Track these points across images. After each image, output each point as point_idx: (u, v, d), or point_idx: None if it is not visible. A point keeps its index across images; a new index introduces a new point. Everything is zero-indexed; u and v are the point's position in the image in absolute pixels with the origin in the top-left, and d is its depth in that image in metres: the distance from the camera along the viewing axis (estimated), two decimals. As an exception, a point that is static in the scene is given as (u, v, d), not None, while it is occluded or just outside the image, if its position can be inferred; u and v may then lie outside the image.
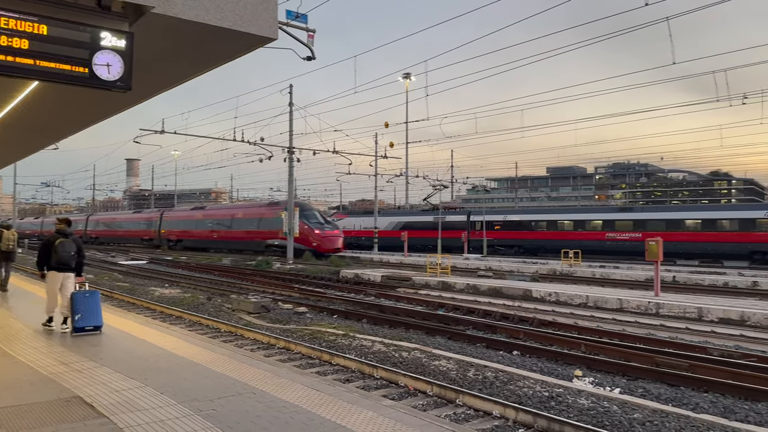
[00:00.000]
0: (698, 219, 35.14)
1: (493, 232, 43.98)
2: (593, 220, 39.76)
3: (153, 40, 5.97)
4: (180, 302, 17.40)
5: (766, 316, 13.71)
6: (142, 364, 7.22)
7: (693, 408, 7.62)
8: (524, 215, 45.29)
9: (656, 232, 33.40)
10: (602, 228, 38.44)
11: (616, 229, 37.67)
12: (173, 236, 53.63)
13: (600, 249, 37.45)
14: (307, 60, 11.32)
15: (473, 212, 48.27)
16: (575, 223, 40.20)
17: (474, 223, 45.52)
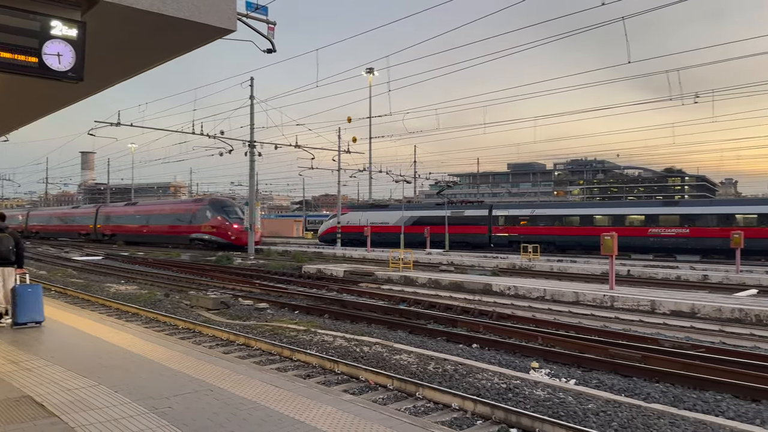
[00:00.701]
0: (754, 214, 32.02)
1: (518, 228, 41.14)
2: (634, 215, 36.95)
3: (106, 30, 5.82)
4: (136, 299, 17.05)
5: (715, 308, 14.21)
6: (96, 362, 7.06)
7: (645, 398, 7.86)
8: (555, 209, 42.25)
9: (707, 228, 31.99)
10: (644, 223, 35.72)
11: (660, 225, 34.99)
12: (108, 231, 56.52)
13: (642, 246, 35.06)
14: (268, 52, 11.20)
15: (495, 206, 45.19)
16: (614, 218, 37.18)
17: (497, 218, 42.67)
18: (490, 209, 44.06)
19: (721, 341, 11.65)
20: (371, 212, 49.71)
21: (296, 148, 39.45)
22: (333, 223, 50.65)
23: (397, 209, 48.67)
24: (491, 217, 43.15)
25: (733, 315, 13.84)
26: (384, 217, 48.26)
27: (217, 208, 43.05)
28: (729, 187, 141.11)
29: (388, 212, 48.63)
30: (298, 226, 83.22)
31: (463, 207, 46.35)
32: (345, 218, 49.36)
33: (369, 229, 41.71)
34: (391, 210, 49.13)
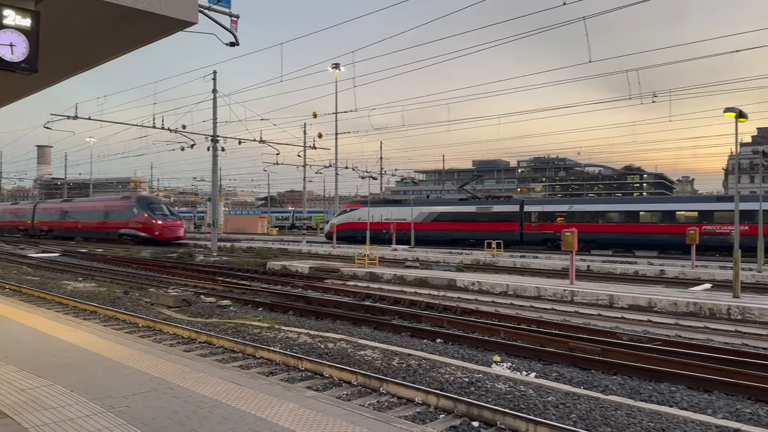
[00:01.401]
0: None
1: (553, 225, 38.06)
2: (686, 210, 34.79)
3: (62, 20, 5.67)
4: (95, 296, 16.66)
5: (671, 302, 14.62)
6: (51, 361, 6.87)
7: (603, 390, 8.04)
8: (596, 205, 38.71)
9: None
10: (697, 220, 33.48)
11: (715, 222, 32.92)
12: (45, 226, 58.30)
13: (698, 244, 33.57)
14: (231, 46, 11.04)
15: (527, 201, 42.12)
16: (663, 215, 35.02)
17: (529, 214, 39.58)
18: (522, 205, 40.75)
19: (676, 334, 12.00)
20: (386, 208, 46.49)
21: (261, 143, 39.04)
22: (344, 219, 47.11)
23: (416, 205, 45.41)
24: (523, 213, 39.86)
25: (688, 309, 14.27)
26: (400, 213, 44.99)
27: (143, 206, 45.57)
28: (686, 184, 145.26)
29: (405, 208, 45.11)
30: (263, 223, 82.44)
31: (490, 202, 42.96)
32: (355, 214, 46.51)
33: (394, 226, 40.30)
34: (407, 205, 45.61)
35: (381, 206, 47.42)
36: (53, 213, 58.23)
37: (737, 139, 16.86)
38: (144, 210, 44.92)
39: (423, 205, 45.88)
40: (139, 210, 45.39)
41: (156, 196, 57.47)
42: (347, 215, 47.51)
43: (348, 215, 47.41)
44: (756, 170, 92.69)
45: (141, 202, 46.64)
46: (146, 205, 45.63)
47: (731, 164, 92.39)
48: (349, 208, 48.10)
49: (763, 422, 6.78)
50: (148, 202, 47.08)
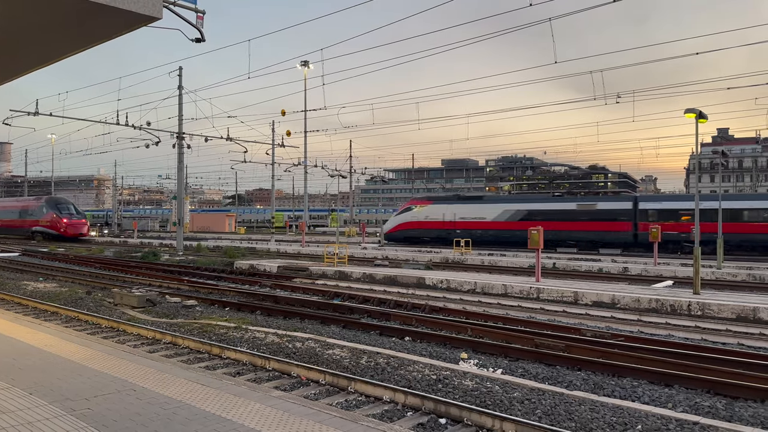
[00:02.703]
0: None
1: (676, 225, 33.61)
2: None
3: (20, 14, 5.51)
4: (56, 297, 16.26)
5: (633, 299, 14.95)
6: (9, 363, 6.69)
7: (567, 385, 8.18)
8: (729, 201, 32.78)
9: None
10: None
11: None
12: None
13: None
14: (197, 42, 10.86)
15: (642, 198, 37.44)
16: None
17: (645, 212, 34.72)
18: (635, 201, 35.94)
19: (639, 330, 12.27)
20: (460, 205, 40.90)
21: (228, 140, 38.54)
22: (409, 218, 42.63)
23: (498, 201, 40.56)
24: (637, 211, 35.04)
25: (651, 305, 14.60)
26: (479, 211, 39.71)
27: (51, 206, 50.04)
28: (649, 183, 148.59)
29: (485, 205, 39.97)
30: (231, 221, 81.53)
31: (595, 198, 38.27)
32: (422, 212, 41.72)
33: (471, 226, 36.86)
34: (488, 202, 40.61)
35: (454, 203, 41.51)
36: None
37: (698, 139, 17.33)
38: (52, 210, 49.44)
39: (507, 202, 40.61)
40: (47, 210, 49.86)
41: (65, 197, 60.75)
42: (412, 213, 42.50)
43: (413, 213, 42.41)
44: (716, 170, 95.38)
45: (50, 203, 50.93)
46: (54, 206, 50.03)
47: (692, 164, 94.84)
48: (414, 205, 42.96)
49: (721, 415, 6.98)
50: (56, 202, 51.24)
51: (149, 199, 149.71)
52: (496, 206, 39.26)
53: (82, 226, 50.02)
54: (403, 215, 43.24)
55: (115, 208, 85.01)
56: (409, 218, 42.37)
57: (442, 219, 40.38)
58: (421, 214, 41.70)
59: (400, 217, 43.33)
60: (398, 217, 43.72)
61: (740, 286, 19.68)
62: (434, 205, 41.80)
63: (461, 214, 40.09)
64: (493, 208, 39.16)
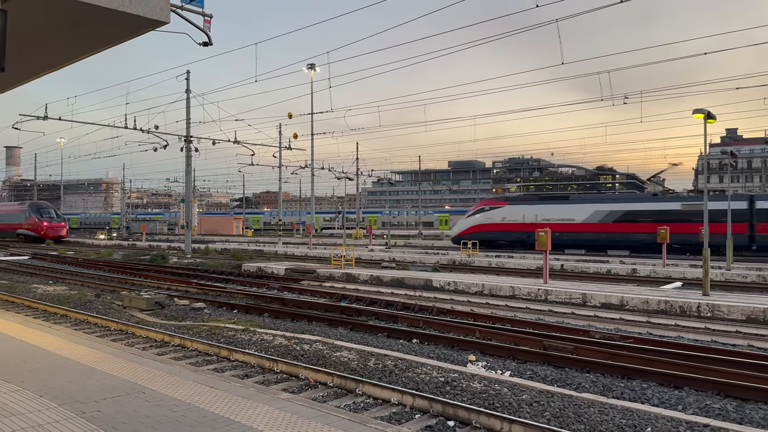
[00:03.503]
0: None
1: None
2: None
3: (30, 19, 5.56)
4: (65, 300, 16.35)
5: (642, 300, 14.87)
6: (20, 366, 6.73)
7: (576, 388, 8.15)
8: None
9: None
10: None
11: None
12: None
13: None
14: (204, 46, 10.91)
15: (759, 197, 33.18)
16: None
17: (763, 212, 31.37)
18: (751, 200, 32.37)
19: (647, 332, 12.21)
20: (543, 206, 38.06)
21: (235, 143, 38.67)
22: (482, 219, 39.39)
23: (588, 201, 36.99)
24: (754, 211, 31.67)
25: (659, 307, 14.52)
26: (566, 212, 36.47)
27: (33, 210, 54.57)
28: (657, 184, 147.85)
29: (573, 205, 36.82)
30: (238, 224, 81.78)
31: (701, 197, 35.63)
32: (498, 213, 38.69)
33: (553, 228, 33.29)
34: (577, 202, 37.32)
35: (535, 204, 38.67)
36: None
37: (706, 139, 17.23)
38: (34, 214, 54.01)
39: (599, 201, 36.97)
40: (30, 214, 54.44)
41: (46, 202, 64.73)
42: (486, 215, 39.33)
43: (487, 215, 39.24)
44: (725, 170, 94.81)
45: (32, 207, 55.57)
46: (36, 210, 54.64)
47: (701, 164, 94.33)
48: (488, 206, 39.85)
49: (732, 417, 6.93)
50: (38, 207, 55.86)
51: (157, 203, 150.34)
52: (587, 206, 35.86)
53: (61, 228, 54.20)
54: (475, 217, 39.90)
55: (123, 211, 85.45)
56: (482, 220, 39.19)
57: (522, 221, 37.21)
58: (496, 216, 38.64)
59: (472, 220, 39.94)
60: (469, 220, 40.26)
61: (750, 288, 19.54)
62: (512, 205, 38.80)
63: (544, 215, 36.91)
64: (582, 209, 35.82)
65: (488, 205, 40.15)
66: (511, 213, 38.22)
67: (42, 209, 55.38)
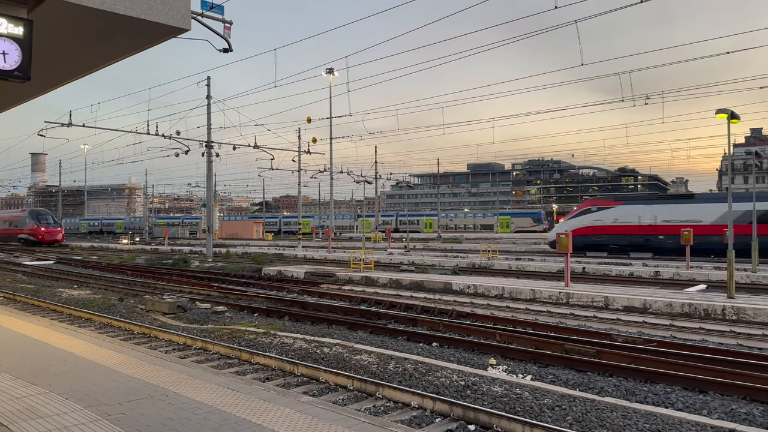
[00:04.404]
0: None
1: None
2: None
3: (55, 28, 5.67)
4: (89, 304, 16.60)
5: (665, 303, 14.67)
6: (47, 369, 6.85)
7: (598, 392, 8.07)
8: None
9: None
10: None
11: None
12: None
13: None
14: (224, 52, 11.05)
15: None
16: None
17: None
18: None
19: (671, 335, 12.04)
20: (662, 206, 33.68)
21: (255, 148, 39.01)
22: (588, 221, 35.34)
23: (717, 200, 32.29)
24: None
25: (683, 310, 14.32)
26: (689, 213, 31.99)
27: (33, 217, 58.36)
28: (680, 185, 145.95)
29: (698, 205, 32.49)
30: (259, 228, 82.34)
31: None
32: (609, 214, 34.87)
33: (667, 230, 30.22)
34: (705, 201, 32.94)
35: (654, 203, 34.20)
36: None
37: (730, 139, 16.97)
38: (33, 220, 57.66)
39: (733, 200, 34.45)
40: (29, 220, 57.99)
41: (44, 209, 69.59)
42: (593, 216, 35.31)
43: (594, 216, 35.22)
44: (749, 171, 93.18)
45: (31, 214, 59.60)
46: (35, 217, 58.40)
47: (724, 165, 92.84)
48: (595, 207, 36.02)
49: (758, 422, 6.81)
50: (36, 214, 60.03)
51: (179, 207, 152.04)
52: (716, 207, 31.03)
53: (57, 233, 58.23)
54: (580, 219, 35.76)
55: (145, 216, 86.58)
56: (589, 222, 35.09)
57: (638, 222, 33.31)
58: (606, 217, 34.69)
59: (576, 221, 35.65)
60: (573, 221, 36.00)
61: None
62: (626, 206, 34.70)
63: (665, 216, 32.76)
64: (712, 209, 31.25)
65: (596, 205, 36.21)
66: (625, 214, 34.05)
67: (40, 216, 59.44)
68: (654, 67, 51.13)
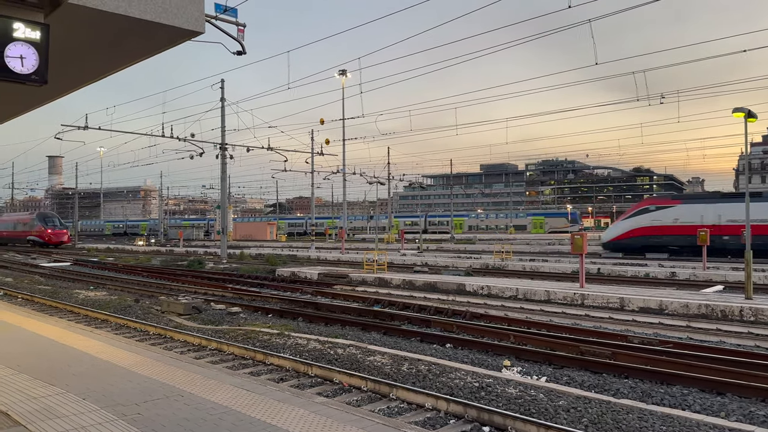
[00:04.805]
0: None
1: None
2: None
3: (71, 33, 5.73)
4: (106, 305, 16.76)
5: (682, 304, 14.52)
6: (64, 370, 6.93)
7: (614, 393, 8.00)
8: None
9: None
10: None
11: None
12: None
13: None
14: (238, 54, 11.11)
15: None
16: None
17: None
18: None
19: (688, 336, 11.92)
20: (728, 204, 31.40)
21: (269, 150, 39.17)
22: (645, 221, 33.47)
23: None
24: None
25: (700, 311, 14.16)
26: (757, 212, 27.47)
27: (40, 219, 61.34)
28: (696, 185, 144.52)
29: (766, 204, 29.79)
30: (272, 229, 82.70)
31: None
32: (668, 214, 32.94)
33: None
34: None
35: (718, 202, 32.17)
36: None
37: (747, 139, 16.76)
38: (40, 222, 60.61)
39: None
40: (37, 222, 60.96)
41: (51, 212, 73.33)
42: (651, 216, 33.39)
43: (653, 215, 33.30)
44: (767, 170, 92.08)
45: (39, 217, 62.47)
46: (42, 219, 61.29)
47: (741, 164, 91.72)
48: (653, 206, 34.09)
49: (777, 425, 6.72)
50: (44, 216, 62.98)
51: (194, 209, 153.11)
52: None
53: (63, 235, 61.46)
54: (637, 219, 33.94)
55: (161, 217, 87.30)
56: (647, 222, 33.26)
57: (700, 222, 31.04)
58: (666, 217, 32.79)
59: (632, 221, 33.99)
60: (629, 221, 34.31)
61: (796, 291, 18.89)
62: (687, 204, 32.88)
63: (730, 215, 30.66)
64: None
65: (654, 204, 34.26)
66: (686, 213, 32.16)
67: (47, 218, 62.35)
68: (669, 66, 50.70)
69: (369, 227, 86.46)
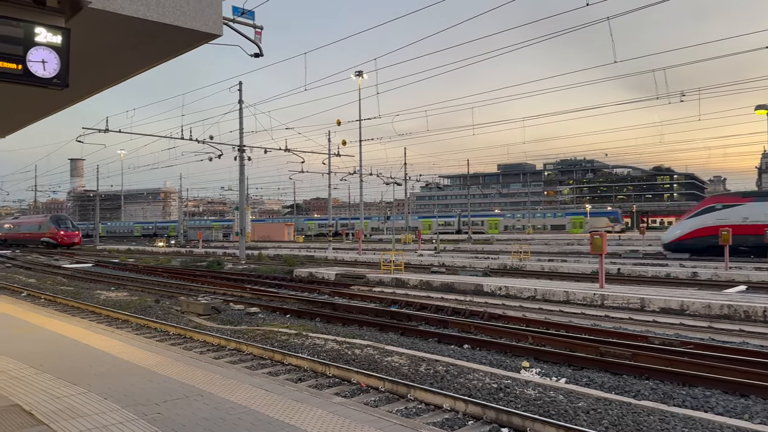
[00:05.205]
0: None
1: None
2: None
3: (91, 37, 5.81)
4: (126, 305, 16.96)
5: (704, 305, 14.31)
6: (86, 370, 7.02)
7: (635, 395, 7.91)
8: None
9: None
10: None
11: None
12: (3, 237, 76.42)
13: None
14: (255, 57, 11.20)
15: None
16: None
17: None
18: None
19: (710, 337, 11.74)
20: None
21: (286, 152, 39.39)
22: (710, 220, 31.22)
23: None
24: None
25: (722, 311, 13.95)
26: None
27: (54, 222, 64.31)
28: (717, 184, 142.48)
29: None
30: (290, 230, 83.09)
31: None
32: (737, 212, 30.66)
33: None
34: None
35: None
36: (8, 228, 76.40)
37: (770, 137, 16.44)
38: (53, 225, 63.27)
39: None
40: (50, 225, 63.59)
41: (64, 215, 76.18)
42: (717, 215, 31.27)
43: (719, 214, 31.16)
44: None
45: (53, 219, 65.61)
46: (55, 222, 64.22)
47: (764, 163, 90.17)
48: (720, 204, 32.09)
49: (803, 427, 6.59)
50: (57, 219, 66.38)
51: (212, 210, 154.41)
52: None
53: (75, 237, 63.83)
54: (702, 218, 31.82)
55: (180, 219, 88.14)
56: (712, 221, 30.87)
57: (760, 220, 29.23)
58: (734, 216, 30.36)
59: (697, 221, 31.89)
60: (693, 221, 32.19)
61: (822, 291, 18.52)
62: (758, 202, 30.24)
63: None
64: None
65: (720, 202, 32.18)
66: (758, 212, 29.78)
67: (60, 221, 65.40)
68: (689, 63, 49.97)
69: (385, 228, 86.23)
